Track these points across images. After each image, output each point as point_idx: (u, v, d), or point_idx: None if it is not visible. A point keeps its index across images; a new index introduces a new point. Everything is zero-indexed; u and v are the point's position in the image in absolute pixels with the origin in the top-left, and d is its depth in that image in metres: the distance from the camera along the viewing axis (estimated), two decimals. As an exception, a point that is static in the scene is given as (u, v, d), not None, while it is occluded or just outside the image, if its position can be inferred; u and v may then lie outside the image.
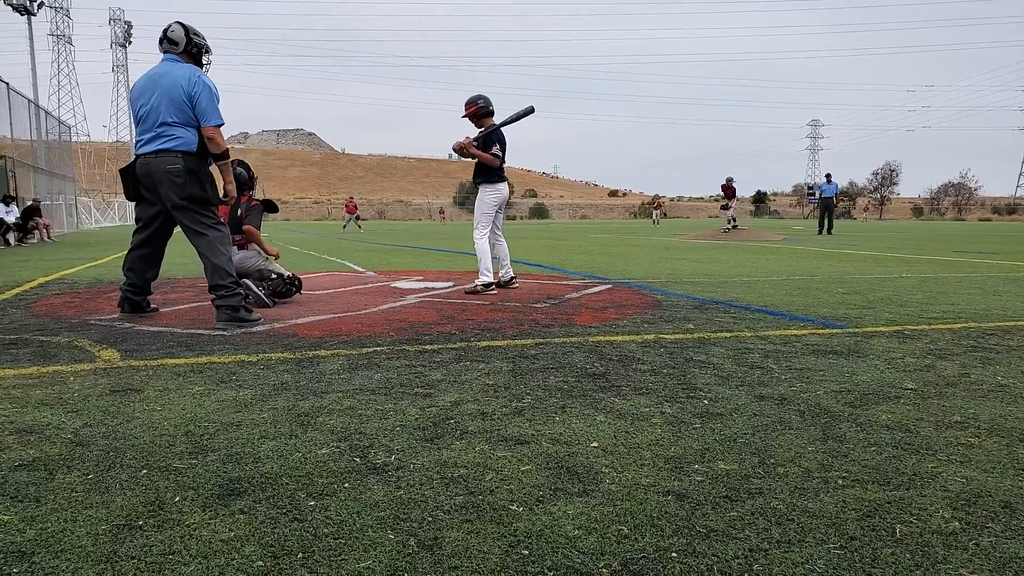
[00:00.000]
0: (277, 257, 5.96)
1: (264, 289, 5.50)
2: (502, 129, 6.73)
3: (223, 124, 4.71)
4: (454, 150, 6.79)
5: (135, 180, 4.77)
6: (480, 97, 6.78)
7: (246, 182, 5.79)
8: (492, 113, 6.77)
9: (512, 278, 6.91)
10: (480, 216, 6.77)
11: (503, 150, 6.70)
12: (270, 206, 5.93)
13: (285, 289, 5.68)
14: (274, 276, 5.63)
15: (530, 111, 6.83)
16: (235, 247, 5.57)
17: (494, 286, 6.51)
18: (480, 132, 6.65)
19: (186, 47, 4.78)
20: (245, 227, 5.59)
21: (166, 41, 4.76)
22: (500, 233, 6.97)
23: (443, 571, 1.55)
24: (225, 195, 4.92)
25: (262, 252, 5.77)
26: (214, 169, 4.85)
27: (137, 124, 4.74)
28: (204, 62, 4.91)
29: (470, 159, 6.77)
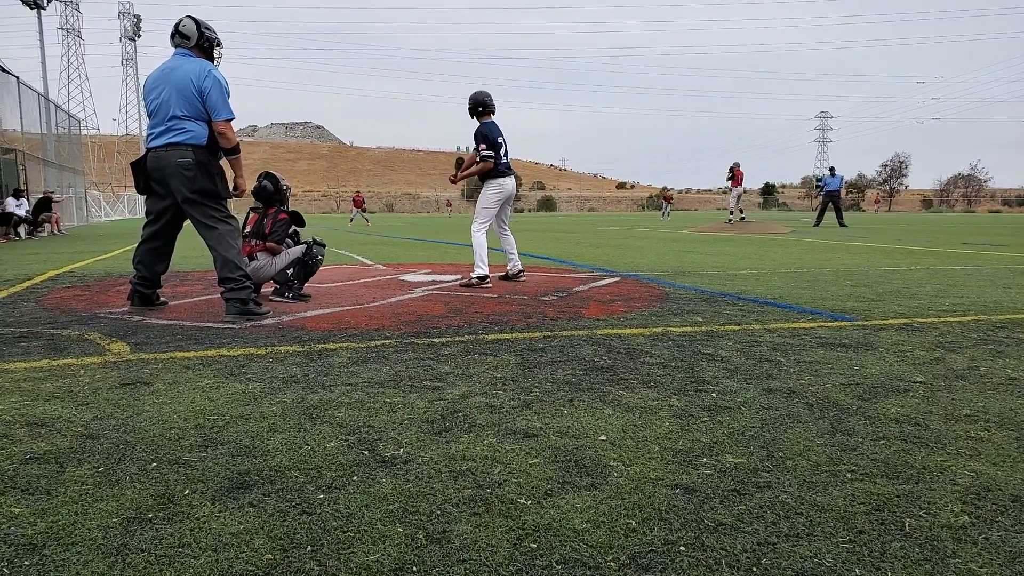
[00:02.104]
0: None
1: (292, 292, 5.51)
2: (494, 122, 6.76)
3: (233, 119, 4.73)
4: (451, 182, 6.92)
5: (146, 174, 4.79)
6: (472, 96, 6.79)
7: (272, 195, 5.66)
8: (489, 108, 6.74)
9: (520, 271, 6.91)
10: (480, 211, 6.78)
11: (492, 142, 6.63)
12: (297, 219, 5.80)
13: (312, 265, 5.65)
14: (290, 274, 5.60)
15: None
16: (246, 257, 5.55)
17: (488, 279, 6.49)
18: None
19: (198, 41, 4.79)
20: (269, 244, 5.50)
21: (178, 35, 4.78)
22: (507, 227, 6.97)
23: (451, 564, 1.55)
24: (235, 188, 4.93)
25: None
26: (225, 163, 4.86)
27: (149, 118, 4.77)
28: (215, 56, 4.92)
29: (474, 175, 6.86)
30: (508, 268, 6.88)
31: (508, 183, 6.78)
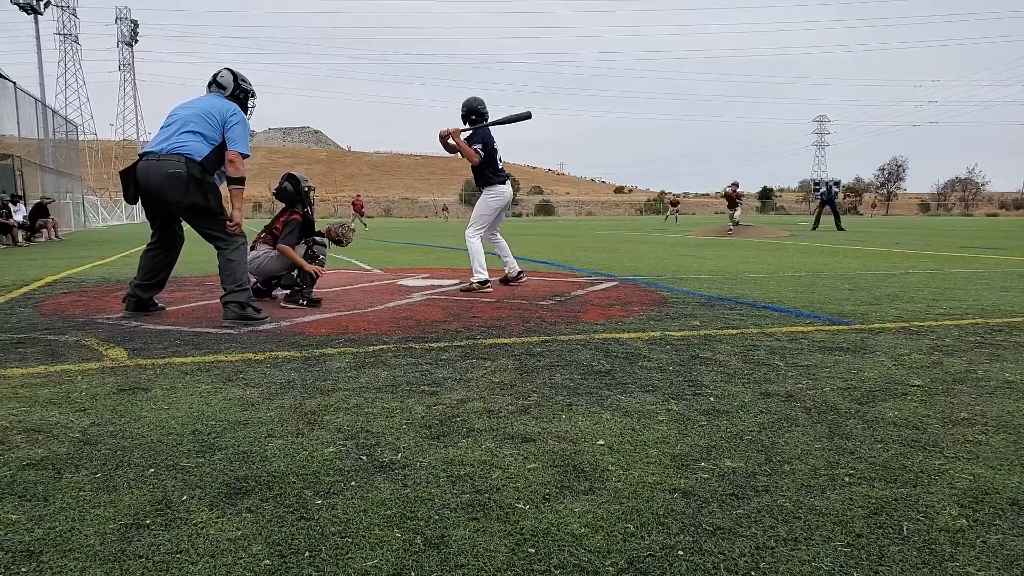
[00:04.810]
0: (318, 276, 5.69)
1: (304, 298, 5.51)
2: (492, 129, 6.67)
3: (247, 155, 4.77)
4: (440, 137, 6.59)
5: (135, 182, 4.75)
6: (466, 103, 6.68)
7: (292, 196, 5.75)
8: (483, 116, 6.65)
9: (520, 272, 6.91)
10: (477, 217, 6.70)
11: (489, 149, 6.57)
12: (308, 227, 5.77)
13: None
14: (295, 275, 5.61)
15: (526, 116, 6.75)
16: (251, 248, 5.55)
17: (489, 284, 6.48)
18: (466, 129, 6.62)
19: (233, 91, 4.96)
20: (280, 247, 5.51)
21: (215, 84, 4.96)
22: (497, 232, 6.91)
23: (449, 569, 1.55)
24: (229, 220, 4.82)
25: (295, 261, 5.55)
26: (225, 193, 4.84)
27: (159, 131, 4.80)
28: (249, 105, 5.09)
29: (454, 153, 6.65)
30: (506, 271, 6.86)
31: (507, 191, 6.77)
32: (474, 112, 6.64)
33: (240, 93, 4.99)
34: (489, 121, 6.66)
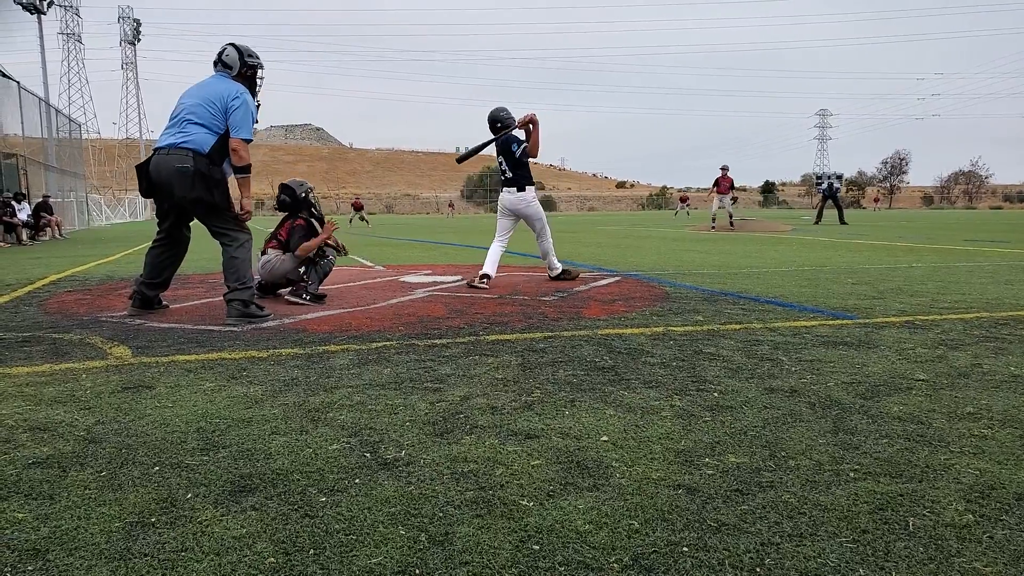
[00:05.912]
0: (341, 250, 6.02)
1: (308, 293, 5.53)
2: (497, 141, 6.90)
3: (251, 140, 4.76)
4: (530, 119, 6.76)
5: (148, 176, 4.77)
6: (490, 116, 6.93)
7: (290, 205, 5.86)
8: (506, 123, 6.81)
9: (552, 270, 7.07)
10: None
11: (500, 157, 6.89)
12: (311, 230, 5.88)
13: (325, 265, 5.77)
14: (302, 272, 5.68)
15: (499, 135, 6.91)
16: (262, 253, 5.62)
17: (487, 280, 6.48)
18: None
19: (240, 70, 4.91)
20: (298, 251, 5.60)
21: (221, 64, 4.90)
22: (537, 236, 7.04)
23: (454, 566, 1.55)
24: (240, 210, 4.82)
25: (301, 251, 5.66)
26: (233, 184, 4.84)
27: (168, 122, 4.81)
28: (259, 78, 5.04)
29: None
30: (548, 272, 7.09)
31: (501, 197, 6.98)
32: (492, 126, 6.88)
33: (247, 70, 4.92)
34: (487, 139, 6.90)
